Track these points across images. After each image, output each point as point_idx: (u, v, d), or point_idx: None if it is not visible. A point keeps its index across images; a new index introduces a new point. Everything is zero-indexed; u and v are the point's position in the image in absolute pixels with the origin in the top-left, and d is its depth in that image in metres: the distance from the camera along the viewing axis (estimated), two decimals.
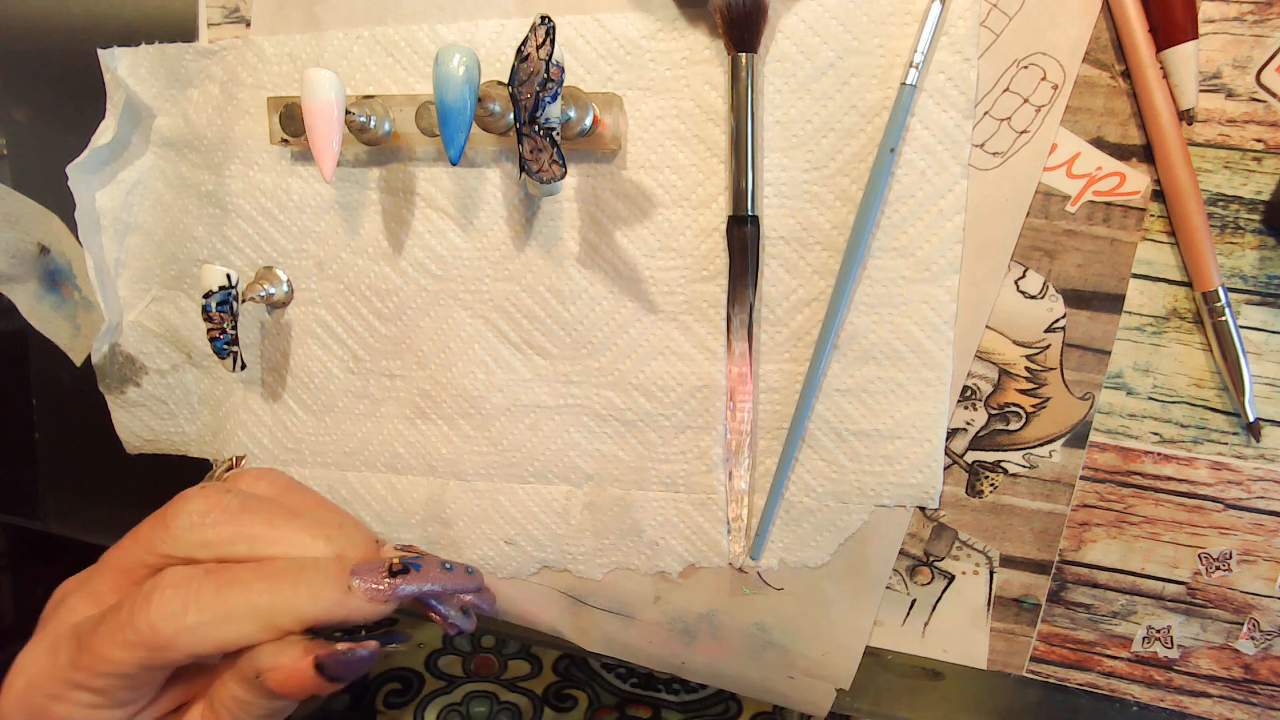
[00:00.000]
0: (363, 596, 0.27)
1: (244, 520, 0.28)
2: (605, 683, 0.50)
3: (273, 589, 0.26)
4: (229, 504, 0.29)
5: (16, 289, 0.47)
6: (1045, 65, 0.32)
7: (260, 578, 0.26)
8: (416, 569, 0.28)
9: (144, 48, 0.40)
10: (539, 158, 0.30)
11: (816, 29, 0.33)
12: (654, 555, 0.38)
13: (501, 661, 0.51)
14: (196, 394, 0.44)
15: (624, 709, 0.48)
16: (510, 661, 0.50)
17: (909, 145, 0.33)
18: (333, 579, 0.27)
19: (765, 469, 0.36)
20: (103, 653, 0.26)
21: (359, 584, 0.27)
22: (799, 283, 0.35)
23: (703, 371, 0.36)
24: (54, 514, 0.51)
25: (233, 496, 0.29)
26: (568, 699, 0.49)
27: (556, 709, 0.48)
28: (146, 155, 0.42)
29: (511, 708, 0.48)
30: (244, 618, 0.26)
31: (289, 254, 0.40)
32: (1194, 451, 0.33)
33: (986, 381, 0.35)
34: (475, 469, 0.40)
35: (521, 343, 0.38)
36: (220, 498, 0.29)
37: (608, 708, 0.48)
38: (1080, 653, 0.36)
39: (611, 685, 0.50)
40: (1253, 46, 0.30)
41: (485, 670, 0.50)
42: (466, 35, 0.36)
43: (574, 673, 0.50)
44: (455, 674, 0.50)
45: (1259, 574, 0.34)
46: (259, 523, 0.28)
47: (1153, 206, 0.32)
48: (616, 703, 0.48)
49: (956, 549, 0.36)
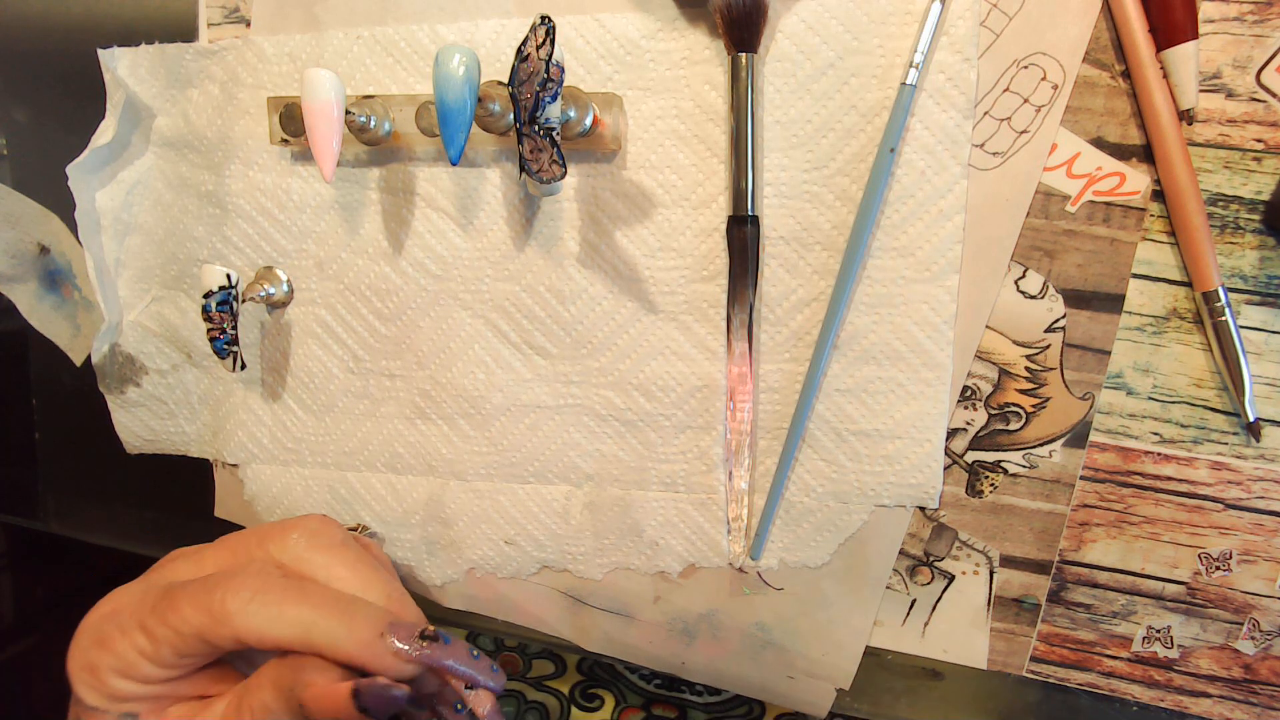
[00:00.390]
0: (389, 649, 0.28)
1: (338, 554, 0.32)
2: (629, 683, 0.50)
3: (323, 610, 0.29)
4: (333, 537, 0.32)
5: (16, 289, 0.47)
6: (1045, 65, 0.32)
7: (319, 597, 0.29)
8: (446, 642, 0.29)
9: (144, 48, 0.40)
10: (539, 158, 0.30)
11: (816, 29, 0.33)
12: (654, 555, 0.38)
13: (526, 660, 0.51)
14: (196, 394, 0.44)
15: (650, 709, 0.48)
16: (535, 660, 0.50)
17: (909, 145, 0.33)
18: (372, 622, 0.29)
19: (765, 469, 0.36)
20: (178, 607, 0.29)
21: (390, 637, 0.29)
22: (799, 283, 0.35)
23: (703, 371, 0.36)
24: (54, 514, 0.51)
25: (339, 533, 0.33)
26: (594, 699, 0.49)
27: (584, 709, 0.48)
28: (146, 155, 0.42)
29: (539, 707, 0.48)
30: (290, 623, 0.28)
31: (289, 254, 0.40)
32: (1194, 451, 0.33)
33: (986, 381, 0.35)
34: (475, 469, 0.40)
35: (521, 343, 0.38)
36: (330, 528, 0.33)
37: (634, 708, 0.48)
38: (1080, 653, 0.36)
39: (636, 686, 0.50)
40: (1253, 46, 0.30)
41: (511, 669, 0.50)
42: (466, 35, 0.36)
43: (598, 672, 0.50)
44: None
45: (1259, 574, 0.34)
46: (346, 564, 0.31)
47: (1153, 206, 0.32)
48: (642, 703, 0.49)
49: (956, 549, 0.36)
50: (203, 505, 0.45)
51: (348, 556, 0.32)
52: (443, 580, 0.42)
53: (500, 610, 0.41)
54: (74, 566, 1.31)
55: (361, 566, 0.32)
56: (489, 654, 0.51)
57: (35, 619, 1.31)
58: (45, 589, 1.33)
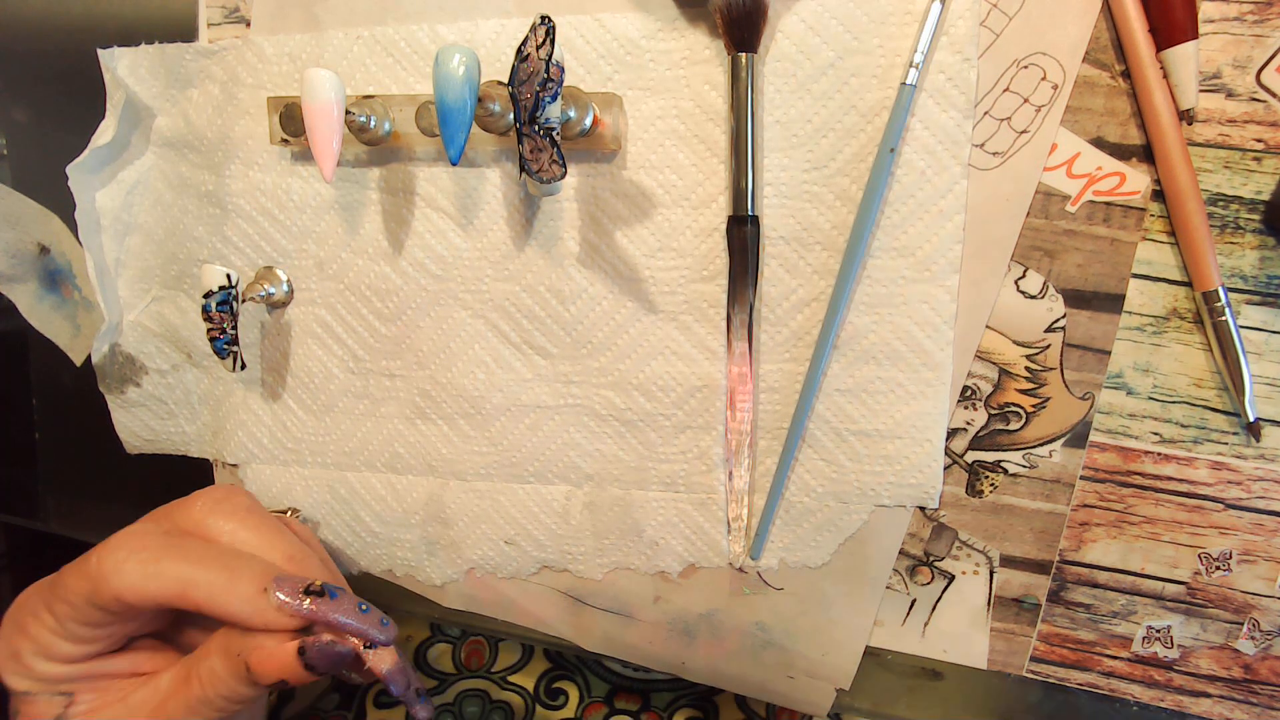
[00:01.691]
0: (274, 603, 0.28)
1: (241, 518, 0.32)
2: (596, 668, 0.50)
3: (202, 565, 0.29)
4: (238, 501, 0.32)
5: (16, 289, 0.47)
6: (1045, 65, 0.32)
7: (199, 553, 0.29)
8: (333, 597, 0.29)
9: (144, 48, 0.40)
10: (539, 158, 0.30)
11: (816, 29, 0.33)
12: (654, 555, 0.38)
13: (493, 647, 0.50)
14: (196, 394, 0.44)
15: (613, 702, 0.48)
16: (500, 645, 0.50)
17: (909, 145, 0.33)
18: (254, 577, 0.29)
19: (765, 469, 0.36)
20: (65, 580, 0.29)
21: (275, 592, 0.28)
22: (799, 283, 0.35)
23: (703, 371, 0.36)
24: (54, 514, 0.51)
25: (246, 499, 0.33)
26: (559, 695, 0.49)
27: (548, 707, 0.48)
28: (146, 155, 0.42)
29: (504, 707, 0.48)
30: (168, 579, 0.28)
31: (289, 254, 0.40)
32: (1194, 451, 0.33)
33: (986, 381, 0.35)
34: (475, 469, 0.40)
35: (521, 343, 0.38)
36: (235, 495, 0.32)
37: (598, 702, 0.48)
38: (1080, 653, 0.36)
39: (603, 671, 0.49)
40: (1253, 46, 0.30)
41: (476, 660, 0.50)
42: (466, 35, 0.36)
43: (565, 658, 0.50)
44: (446, 669, 0.50)
45: (1259, 574, 0.34)
46: (250, 526, 0.31)
47: (1153, 206, 0.32)
48: (607, 692, 0.49)
49: (956, 549, 0.36)
50: None
51: (250, 520, 0.32)
52: (443, 580, 0.42)
53: (500, 610, 0.41)
54: None
55: (265, 529, 0.32)
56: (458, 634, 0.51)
57: None
58: None
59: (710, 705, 0.48)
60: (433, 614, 0.43)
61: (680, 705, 0.48)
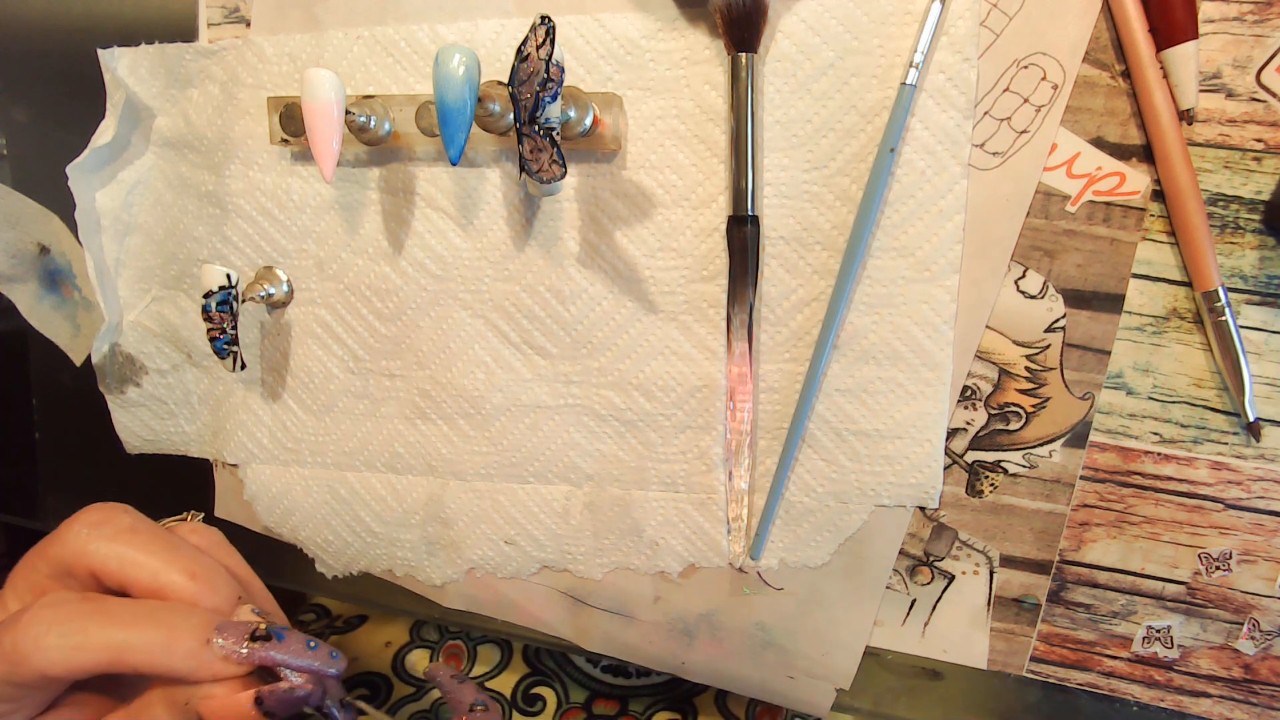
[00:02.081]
0: (219, 654, 0.27)
1: (126, 540, 0.29)
2: (574, 673, 0.49)
3: (133, 626, 0.26)
4: (120, 522, 0.29)
5: (16, 289, 0.47)
6: (1045, 65, 0.32)
7: (127, 613, 0.27)
8: (280, 639, 0.27)
9: (144, 48, 0.40)
10: (539, 158, 0.30)
11: (816, 29, 0.33)
12: (654, 555, 0.38)
13: (471, 649, 0.50)
14: (196, 394, 0.44)
15: (591, 708, 0.48)
16: (480, 648, 0.50)
17: (909, 145, 0.33)
18: (194, 629, 0.27)
19: (765, 469, 0.36)
20: None
21: (219, 642, 0.27)
22: (799, 283, 0.35)
23: (703, 371, 0.36)
24: (54, 514, 0.51)
25: (128, 517, 0.30)
26: (536, 700, 0.49)
27: (525, 712, 0.48)
28: (146, 155, 0.42)
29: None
30: (98, 648, 0.26)
31: (289, 254, 0.40)
32: (1194, 451, 0.33)
33: (986, 381, 0.35)
34: (475, 469, 0.40)
35: (521, 343, 0.38)
36: (116, 515, 0.29)
37: (575, 708, 0.48)
38: (1080, 653, 0.36)
39: (581, 674, 0.49)
40: (1253, 46, 0.30)
41: (454, 666, 0.50)
42: (466, 35, 0.36)
43: (544, 662, 0.50)
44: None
45: (1259, 574, 0.34)
46: (137, 546, 0.29)
47: (1153, 206, 0.32)
48: (585, 699, 0.48)
49: (956, 549, 0.36)
50: (203, 505, 0.45)
51: (137, 540, 0.29)
52: (443, 580, 0.42)
53: (500, 610, 0.41)
54: None
55: (156, 548, 0.29)
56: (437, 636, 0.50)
57: None
58: None
59: (690, 708, 0.47)
60: (433, 614, 0.43)
61: (657, 709, 0.48)
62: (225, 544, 0.33)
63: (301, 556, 0.44)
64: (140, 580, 0.28)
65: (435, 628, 0.52)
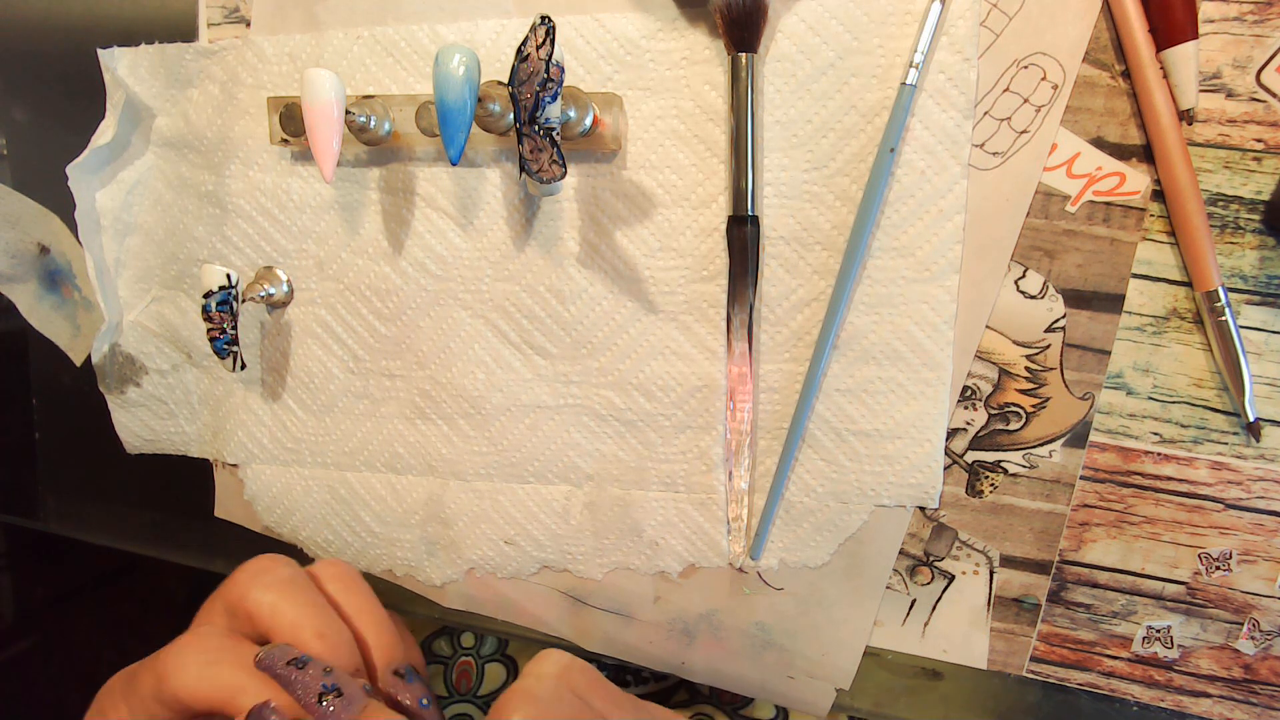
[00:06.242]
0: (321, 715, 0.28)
1: (279, 591, 0.31)
2: None
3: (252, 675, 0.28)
4: (279, 574, 0.31)
5: (16, 289, 0.47)
6: (1045, 65, 0.32)
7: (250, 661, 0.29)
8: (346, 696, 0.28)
9: (144, 48, 0.40)
10: (539, 158, 0.30)
11: (816, 29, 0.33)
12: (654, 555, 0.38)
13: (479, 667, 0.50)
14: (196, 394, 0.44)
15: None
16: (488, 666, 0.50)
17: (909, 145, 0.33)
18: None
19: (765, 469, 0.36)
20: (139, 672, 0.29)
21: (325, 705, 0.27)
22: (799, 283, 0.35)
23: (703, 371, 0.36)
24: (54, 514, 0.51)
25: (287, 570, 0.32)
26: None
27: None
28: (146, 155, 0.42)
29: None
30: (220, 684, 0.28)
31: (289, 254, 0.40)
32: (1194, 451, 0.33)
33: (986, 381, 0.35)
34: (475, 469, 0.40)
35: (521, 343, 0.38)
36: (277, 566, 0.31)
37: None
38: (1080, 653, 0.36)
39: None
40: (1253, 46, 0.30)
41: (464, 682, 0.50)
42: (466, 35, 0.36)
43: None
44: (438, 692, 0.50)
45: (1259, 574, 0.34)
46: (286, 598, 0.31)
47: (1153, 206, 0.32)
48: None
49: (956, 549, 0.36)
50: (203, 505, 0.45)
51: (288, 592, 0.31)
52: (443, 580, 0.42)
53: (500, 610, 0.41)
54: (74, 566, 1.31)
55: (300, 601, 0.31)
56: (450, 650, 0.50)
57: (35, 619, 1.31)
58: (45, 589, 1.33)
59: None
60: (433, 614, 0.43)
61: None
62: (359, 583, 0.35)
63: (302, 556, 0.44)
64: (279, 630, 0.30)
65: (448, 641, 0.52)
